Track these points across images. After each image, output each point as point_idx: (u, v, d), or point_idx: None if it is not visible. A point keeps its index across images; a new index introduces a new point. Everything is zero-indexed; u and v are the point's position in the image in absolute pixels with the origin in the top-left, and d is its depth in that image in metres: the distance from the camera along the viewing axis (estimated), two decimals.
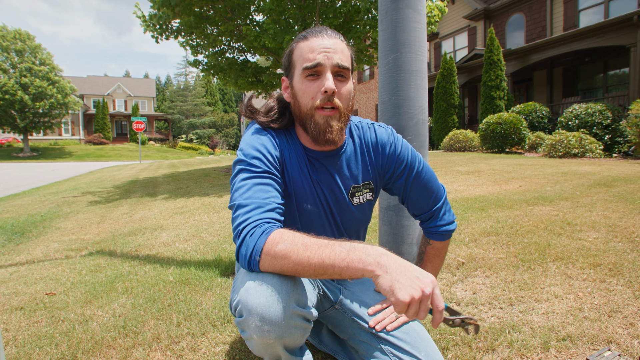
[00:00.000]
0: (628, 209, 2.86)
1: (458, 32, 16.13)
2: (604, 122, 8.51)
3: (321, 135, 0.95)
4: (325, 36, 0.95)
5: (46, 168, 16.25)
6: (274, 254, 0.77)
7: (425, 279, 0.71)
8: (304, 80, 0.94)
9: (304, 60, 0.94)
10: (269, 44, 6.68)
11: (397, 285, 0.69)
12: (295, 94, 0.97)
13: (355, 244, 0.76)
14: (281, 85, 1.04)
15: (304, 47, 0.95)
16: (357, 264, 0.72)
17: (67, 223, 4.06)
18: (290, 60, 0.98)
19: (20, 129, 26.12)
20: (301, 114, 0.97)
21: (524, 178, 4.76)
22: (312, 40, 0.94)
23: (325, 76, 0.93)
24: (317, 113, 0.94)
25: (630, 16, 8.82)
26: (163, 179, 8.46)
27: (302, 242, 0.77)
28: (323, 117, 0.94)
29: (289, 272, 0.78)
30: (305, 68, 0.93)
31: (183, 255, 2.54)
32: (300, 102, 0.96)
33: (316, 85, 0.93)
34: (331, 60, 0.93)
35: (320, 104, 0.93)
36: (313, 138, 0.97)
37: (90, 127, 37.63)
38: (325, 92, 0.92)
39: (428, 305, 0.71)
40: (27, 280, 2.19)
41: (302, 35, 0.98)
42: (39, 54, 26.49)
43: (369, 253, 0.73)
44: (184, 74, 57.64)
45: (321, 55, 0.92)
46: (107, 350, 1.34)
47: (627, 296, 1.53)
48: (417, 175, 1.08)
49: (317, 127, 0.95)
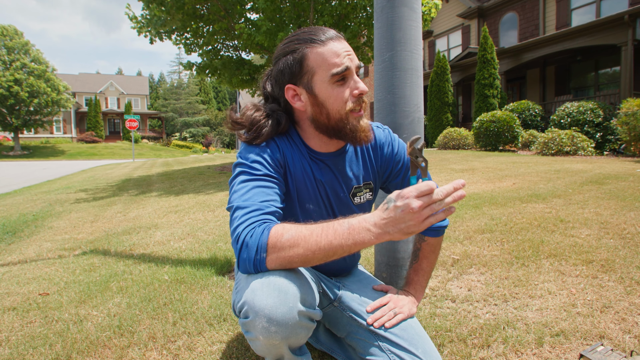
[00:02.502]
0: (619, 206, 2.90)
1: (452, 30, 16.19)
2: (596, 120, 8.61)
3: (362, 135, 0.95)
4: (340, 39, 0.93)
5: (37, 167, 16.05)
6: (281, 245, 0.77)
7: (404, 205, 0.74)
8: (332, 86, 0.91)
9: (330, 66, 0.90)
10: (262, 41, 6.66)
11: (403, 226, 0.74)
12: (322, 102, 0.93)
13: (352, 221, 0.78)
14: (285, 93, 0.96)
15: (326, 52, 0.90)
16: (363, 238, 0.76)
17: (60, 222, 4.02)
18: (304, 66, 0.92)
19: (12, 126, 25.76)
20: (332, 121, 0.94)
21: (518, 176, 4.80)
22: (331, 44, 0.91)
23: (354, 79, 0.92)
24: (351, 116, 0.93)
25: (621, 15, 8.92)
26: (157, 177, 8.40)
27: (306, 228, 0.78)
28: (357, 119, 0.94)
29: (298, 261, 0.77)
30: (335, 74, 0.90)
31: (178, 254, 2.53)
32: (332, 108, 0.93)
33: (347, 89, 0.92)
34: (354, 62, 0.92)
35: (355, 107, 0.93)
36: (352, 140, 0.97)
37: (82, 125, 37.22)
38: (360, 95, 0.92)
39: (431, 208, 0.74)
40: (20, 280, 2.17)
41: (309, 38, 0.91)
42: (30, 52, 26.14)
43: (367, 227, 0.76)
44: (177, 71, 57.20)
45: (346, 59, 0.91)
46: (102, 350, 1.33)
47: (618, 292, 1.55)
48: None
49: (357, 129, 0.95)
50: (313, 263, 0.79)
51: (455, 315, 1.46)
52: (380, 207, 0.78)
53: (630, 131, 6.99)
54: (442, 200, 0.73)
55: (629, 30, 8.96)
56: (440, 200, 0.73)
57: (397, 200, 0.75)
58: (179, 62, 56.22)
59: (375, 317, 1.02)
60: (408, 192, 0.74)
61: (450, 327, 1.36)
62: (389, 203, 0.76)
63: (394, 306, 1.05)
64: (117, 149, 29.78)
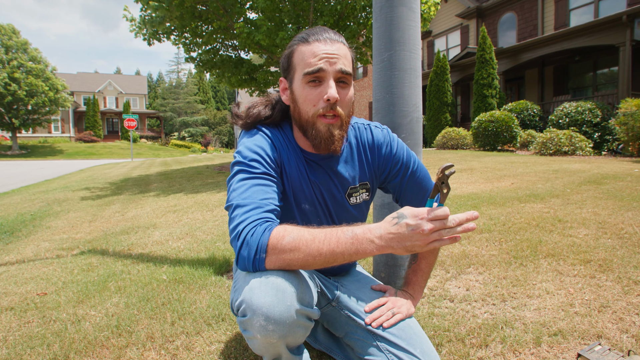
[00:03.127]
0: (617, 206, 2.91)
1: (451, 30, 16.21)
2: (594, 121, 8.64)
3: (323, 143, 0.94)
4: (328, 40, 0.91)
5: (35, 166, 16.00)
6: (282, 247, 0.76)
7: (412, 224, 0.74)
8: (304, 85, 0.92)
9: (305, 65, 0.90)
10: (262, 41, 6.65)
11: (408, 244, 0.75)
12: (296, 99, 0.95)
13: (356, 230, 0.78)
14: (279, 85, 1.02)
15: (306, 51, 0.91)
16: (365, 249, 0.77)
17: (58, 222, 4.01)
18: (290, 62, 0.95)
19: (10, 126, 25.68)
20: (301, 120, 0.95)
21: (516, 176, 4.81)
22: (314, 45, 0.91)
23: (327, 83, 0.90)
24: (318, 121, 0.92)
25: (619, 16, 8.95)
26: (155, 177, 8.39)
27: (309, 233, 0.78)
28: (325, 125, 0.92)
29: (297, 265, 0.78)
30: (306, 73, 0.90)
31: (176, 253, 2.52)
32: (301, 108, 0.93)
33: (318, 91, 0.91)
34: (334, 67, 0.90)
35: (323, 112, 0.91)
36: (314, 145, 0.96)
37: (80, 124, 37.13)
38: (328, 101, 0.90)
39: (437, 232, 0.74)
40: (18, 280, 2.16)
41: (302, 36, 0.94)
42: (29, 51, 26.06)
43: (371, 239, 0.76)
44: (176, 71, 57.14)
45: (323, 61, 0.89)
46: (100, 350, 1.33)
47: (616, 291, 1.56)
48: (412, 174, 1.09)
49: (319, 135, 0.93)
50: (312, 268, 0.79)
51: (453, 315, 1.46)
52: (389, 221, 0.77)
53: (629, 131, 7.01)
54: (453, 228, 0.74)
55: (627, 30, 8.98)
56: (451, 228, 0.74)
57: (410, 218, 0.75)
58: (177, 61, 56.22)
59: (374, 317, 1.02)
60: (423, 213, 0.74)
61: (449, 326, 1.37)
62: (400, 219, 0.75)
63: (393, 306, 1.05)
64: (116, 148, 29.71)
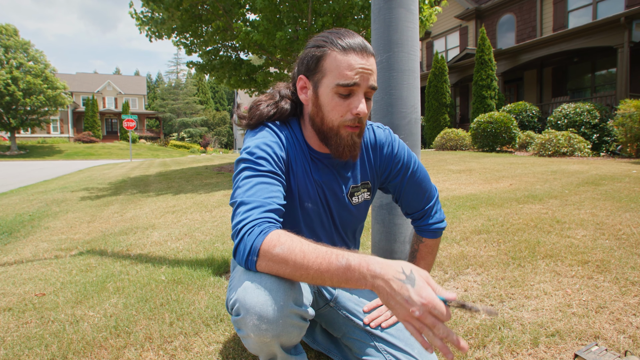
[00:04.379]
0: (615, 207, 2.92)
1: (450, 31, 16.25)
2: (592, 122, 8.66)
3: (346, 150, 0.95)
4: (364, 53, 0.91)
5: (34, 166, 15.98)
6: (271, 257, 0.76)
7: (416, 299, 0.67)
8: (334, 95, 0.91)
9: (340, 76, 0.89)
10: (260, 40, 6.66)
11: (392, 304, 0.70)
12: (321, 105, 0.94)
13: (351, 259, 0.72)
14: (296, 82, 1.00)
15: (342, 61, 0.89)
16: (357, 282, 0.72)
17: (57, 222, 4.00)
18: (320, 65, 0.92)
19: (9, 126, 25.64)
20: (324, 126, 0.95)
21: (515, 177, 4.82)
22: (350, 56, 0.89)
23: (358, 97, 0.91)
24: (343, 129, 0.93)
25: (618, 18, 8.98)
26: (154, 177, 8.38)
27: (300, 249, 0.75)
28: (348, 134, 0.94)
29: (286, 277, 0.78)
30: (340, 85, 0.89)
31: (175, 254, 2.52)
32: (326, 115, 0.94)
33: (347, 103, 0.91)
34: (367, 82, 0.90)
35: (350, 124, 0.92)
36: (336, 152, 0.96)
37: (79, 125, 37.08)
38: (357, 114, 0.91)
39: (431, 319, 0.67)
40: (16, 281, 2.16)
41: (337, 41, 0.91)
42: (30, 51, 26.04)
43: (365, 276, 0.71)
44: (175, 71, 57.11)
45: (359, 75, 0.89)
46: (98, 350, 1.33)
47: (613, 292, 1.56)
48: (412, 174, 1.10)
49: (342, 142, 0.94)
50: (302, 281, 0.78)
51: (451, 315, 1.46)
52: (396, 270, 0.70)
53: (627, 132, 7.03)
54: (435, 331, 0.67)
55: (625, 32, 9.02)
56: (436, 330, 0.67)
57: (416, 295, 0.67)
58: (176, 62, 56.21)
59: (372, 317, 1.03)
60: (431, 301, 0.66)
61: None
62: (408, 284, 0.69)
63: None
64: (115, 149, 29.67)
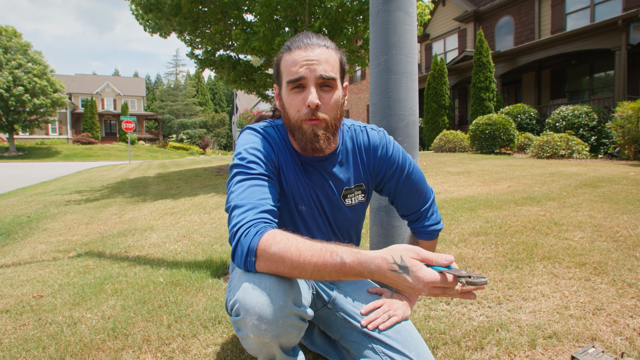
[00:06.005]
0: (612, 209, 2.93)
1: (448, 33, 16.29)
2: (590, 124, 8.68)
3: (308, 144, 0.96)
4: (308, 46, 0.94)
5: (32, 168, 15.94)
6: (268, 256, 0.78)
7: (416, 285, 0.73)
8: (289, 92, 0.95)
9: (288, 73, 0.94)
10: (259, 47, 6.68)
11: (400, 289, 0.76)
12: (283, 105, 0.99)
13: (345, 256, 0.76)
14: (274, 90, 1.07)
15: (289, 59, 0.95)
16: (354, 278, 0.78)
17: (55, 224, 3.99)
18: (278, 70, 0.99)
19: (7, 127, 25.58)
20: (290, 124, 0.98)
21: (513, 179, 4.83)
22: (295, 52, 0.94)
23: (308, 89, 0.93)
24: (303, 123, 0.95)
25: (615, 20, 9.02)
26: (153, 179, 8.37)
27: (296, 247, 0.77)
28: (309, 126, 0.95)
29: (285, 275, 0.79)
30: (289, 81, 0.94)
31: (173, 256, 2.52)
32: (288, 113, 0.97)
33: (301, 97, 0.94)
34: (314, 73, 0.92)
35: (306, 117, 0.94)
36: (301, 147, 0.99)
37: (78, 126, 37.01)
38: (309, 107, 0.93)
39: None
40: (13, 283, 2.15)
41: (287, 44, 0.98)
42: (30, 53, 26.01)
43: (361, 272, 0.76)
44: (174, 73, 57.08)
45: (303, 68, 0.92)
46: (96, 352, 1.33)
47: (610, 294, 1.57)
48: (407, 176, 1.10)
49: (304, 136, 0.96)
50: (300, 278, 0.81)
51: (449, 317, 1.47)
52: (388, 261, 0.74)
53: (625, 134, 7.05)
54: (449, 293, 0.74)
55: (622, 34, 9.05)
56: (448, 292, 0.74)
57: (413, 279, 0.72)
58: (175, 63, 56.17)
59: (370, 319, 1.03)
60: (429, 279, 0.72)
61: (444, 329, 1.37)
62: (402, 272, 0.73)
63: (388, 309, 1.05)
64: (113, 150, 29.62)
